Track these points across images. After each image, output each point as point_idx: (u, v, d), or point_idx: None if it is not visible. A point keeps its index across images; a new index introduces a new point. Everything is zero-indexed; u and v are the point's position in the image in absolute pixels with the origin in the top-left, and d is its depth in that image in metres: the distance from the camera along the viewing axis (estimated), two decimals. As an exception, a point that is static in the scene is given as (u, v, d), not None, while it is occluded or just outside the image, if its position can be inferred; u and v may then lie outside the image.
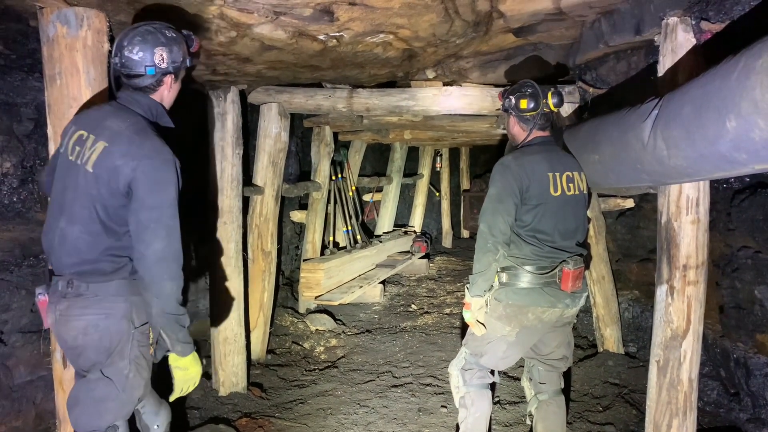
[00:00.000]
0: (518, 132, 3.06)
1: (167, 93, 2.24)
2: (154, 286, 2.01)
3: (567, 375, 4.35)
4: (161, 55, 2.10)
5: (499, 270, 2.87)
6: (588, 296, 3.08)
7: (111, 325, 2.07)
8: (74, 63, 2.46)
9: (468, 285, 2.90)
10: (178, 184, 2.07)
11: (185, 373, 2.19)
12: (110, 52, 2.17)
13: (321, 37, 3.06)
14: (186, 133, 3.96)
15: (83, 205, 2.02)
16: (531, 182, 2.79)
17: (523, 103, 2.94)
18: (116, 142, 2.01)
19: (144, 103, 2.17)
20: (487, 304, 2.89)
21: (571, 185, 2.90)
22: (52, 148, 2.49)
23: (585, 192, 3.02)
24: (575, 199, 2.92)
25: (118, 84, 2.20)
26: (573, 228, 2.91)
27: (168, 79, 2.19)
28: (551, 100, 2.92)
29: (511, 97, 3.01)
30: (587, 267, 4.64)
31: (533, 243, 2.83)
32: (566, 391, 4.07)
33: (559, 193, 2.85)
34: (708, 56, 2.53)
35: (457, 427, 3.13)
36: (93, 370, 2.10)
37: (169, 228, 2.01)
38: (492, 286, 2.88)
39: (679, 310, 2.73)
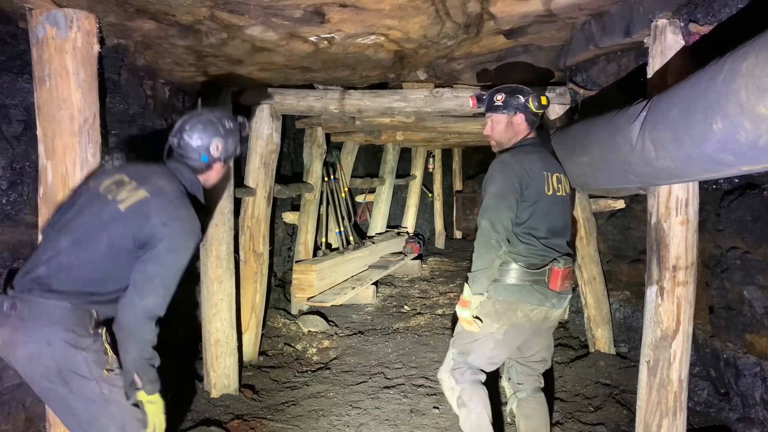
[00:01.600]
0: (522, 131, 3.01)
1: (213, 176, 2.38)
2: (136, 335, 2.06)
3: (550, 376, 4.38)
4: (217, 146, 2.27)
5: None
6: (571, 299, 3.10)
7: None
8: (64, 65, 2.46)
9: (468, 282, 2.84)
10: (192, 256, 2.17)
11: (156, 406, 2.21)
12: (169, 130, 2.30)
13: (312, 38, 3.07)
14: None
15: (92, 233, 2.08)
16: (531, 180, 2.82)
17: (544, 100, 2.98)
18: (157, 196, 2.11)
19: (189, 178, 2.30)
20: None
21: (559, 186, 2.97)
22: (41, 150, 2.49)
23: (570, 193, 3.10)
24: (563, 200, 2.99)
25: (170, 152, 2.31)
26: (562, 227, 2.97)
27: (218, 165, 2.36)
28: (532, 103, 2.97)
29: (519, 96, 2.97)
30: (576, 267, 4.66)
31: (527, 241, 2.84)
32: (548, 392, 4.09)
33: (551, 192, 2.91)
34: (696, 58, 2.55)
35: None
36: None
37: (167, 289, 2.09)
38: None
39: (669, 310, 2.74)
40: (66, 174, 2.48)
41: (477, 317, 2.87)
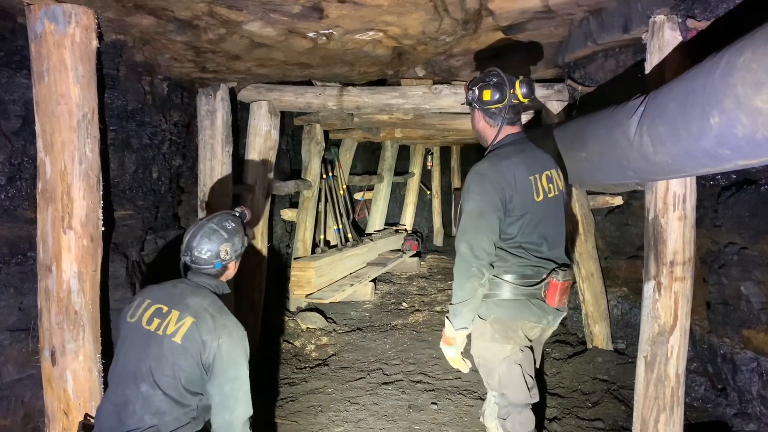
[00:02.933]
0: (484, 128, 2.68)
1: (230, 272, 2.48)
2: None
3: (548, 372, 4.39)
4: (226, 250, 2.36)
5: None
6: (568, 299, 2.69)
7: None
8: (62, 60, 2.46)
9: (448, 316, 2.54)
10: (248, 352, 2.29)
11: None
12: (186, 249, 2.36)
13: (310, 34, 3.07)
14: (177, 131, 3.96)
15: (166, 372, 2.14)
16: (515, 191, 2.46)
17: (487, 95, 2.55)
18: (202, 319, 2.18)
19: (212, 284, 2.39)
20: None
21: (551, 186, 2.60)
22: (40, 145, 2.49)
23: (563, 190, 2.72)
24: (556, 201, 2.64)
25: (186, 267, 2.41)
26: (557, 233, 2.64)
27: (231, 264, 2.45)
28: (519, 90, 2.52)
29: (474, 88, 2.62)
30: (574, 265, 4.67)
31: (519, 254, 2.53)
32: (546, 388, 4.11)
33: (541, 197, 2.54)
34: (694, 54, 2.56)
35: None
36: None
37: (246, 393, 2.21)
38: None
39: (667, 306, 2.76)
40: (64, 169, 2.49)
41: (466, 354, 2.64)
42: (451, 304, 2.51)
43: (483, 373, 2.69)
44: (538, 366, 2.79)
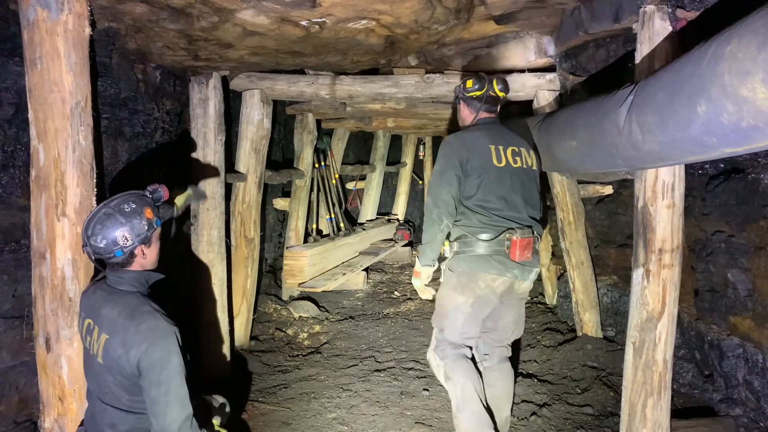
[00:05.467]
0: (467, 116, 3.28)
1: (144, 260, 2.29)
2: None
3: (538, 359, 4.44)
4: (124, 236, 2.17)
5: (451, 240, 3.06)
6: (540, 272, 3.31)
7: None
8: (55, 47, 2.45)
9: (418, 254, 3.10)
10: (181, 349, 2.17)
11: None
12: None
13: (303, 23, 3.07)
14: (169, 119, 3.96)
15: (106, 390, 2.17)
16: (471, 154, 2.97)
17: (469, 83, 3.17)
18: (113, 332, 2.12)
19: (128, 278, 2.25)
20: (442, 273, 3.13)
21: (517, 158, 3.06)
22: (33, 133, 2.49)
23: (534, 168, 3.17)
24: (524, 172, 3.07)
25: (101, 262, 2.27)
26: (521, 199, 3.03)
27: (138, 250, 2.24)
28: (496, 86, 3.17)
29: (461, 81, 3.27)
30: (564, 253, 4.71)
31: (480, 212, 2.96)
32: (536, 375, 4.15)
33: (503, 164, 3.01)
34: (683, 43, 2.59)
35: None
36: None
37: (179, 396, 2.12)
38: (446, 256, 3.10)
39: (655, 292, 2.79)
40: (58, 157, 2.48)
41: (430, 286, 3.18)
42: (419, 245, 3.06)
43: (435, 313, 3.17)
44: (513, 322, 3.22)
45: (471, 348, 3.14)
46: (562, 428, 3.46)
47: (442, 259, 3.16)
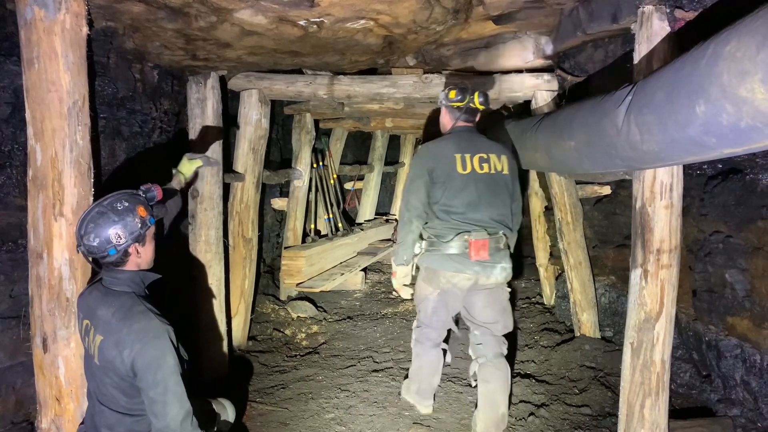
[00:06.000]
0: (448, 122, 3.52)
1: (139, 259, 2.28)
2: None
3: (536, 359, 4.44)
4: (117, 234, 2.16)
5: (423, 239, 3.39)
6: (509, 269, 3.39)
7: None
8: (52, 47, 2.44)
9: (393, 256, 3.45)
10: (175, 348, 2.17)
11: None
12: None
13: (301, 22, 3.06)
14: (168, 119, 3.95)
15: (103, 391, 2.18)
16: (436, 163, 3.26)
17: (452, 94, 3.39)
18: (108, 334, 2.12)
19: (124, 278, 2.25)
20: (417, 269, 3.49)
21: (485, 165, 3.30)
22: (30, 132, 2.48)
23: (505, 172, 3.36)
24: (490, 177, 3.30)
25: (96, 263, 2.28)
26: (485, 203, 3.26)
27: (132, 248, 2.23)
28: (477, 99, 3.37)
29: (444, 91, 3.49)
30: (563, 253, 4.71)
31: (442, 217, 3.27)
32: (534, 375, 4.15)
33: (468, 171, 3.26)
34: (682, 44, 2.58)
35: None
36: None
37: (176, 394, 2.12)
38: (417, 253, 3.41)
39: (653, 293, 2.79)
40: (55, 156, 2.48)
41: (411, 284, 3.53)
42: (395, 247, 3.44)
43: (415, 294, 3.56)
44: (486, 308, 3.38)
45: (451, 333, 3.64)
46: (560, 428, 3.46)
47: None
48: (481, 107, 3.42)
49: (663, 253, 2.75)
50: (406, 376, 3.82)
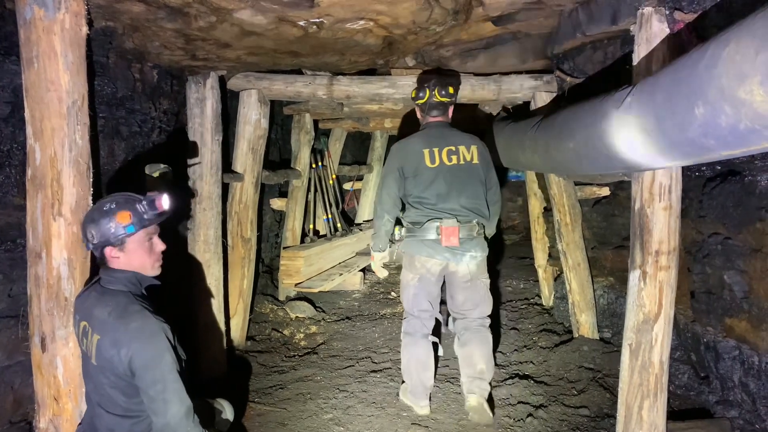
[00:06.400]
0: (420, 119, 3.85)
1: (119, 261, 2.25)
2: None
3: (534, 360, 4.44)
4: (91, 232, 2.19)
5: (401, 228, 3.70)
6: (480, 258, 3.65)
7: None
8: (52, 46, 2.44)
9: (371, 244, 3.81)
10: (173, 346, 2.17)
11: None
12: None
13: (301, 23, 3.07)
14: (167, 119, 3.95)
15: (101, 392, 2.18)
16: (405, 160, 3.55)
17: (413, 93, 3.75)
18: (104, 333, 2.12)
19: (120, 277, 2.25)
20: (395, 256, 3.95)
21: (453, 157, 3.55)
22: (29, 132, 2.48)
23: (474, 162, 3.60)
24: (459, 168, 3.55)
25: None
26: (455, 192, 3.52)
27: (108, 250, 2.22)
28: (438, 93, 3.63)
29: (412, 90, 3.78)
30: (561, 254, 4.72)
31: (417, 207, 3.57)
32: (532, 376, 4.16)
33: (436, 164, 3.52)
34: (681, 46, 2.59)
35: None
36: None
37: (176, 391, 2.13)
38: (396, 240, 3.77)
39: (651, 294, 2.79)
40: (54, 156, 2.48)
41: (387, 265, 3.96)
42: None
43: (400, 287, 3.81)
44: (468, 301, 3.67)
45: (436, 319, 3.75)
46: (558, 430, 3.46)
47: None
48: (444, 100, 3.65)
49: (661, 255, 2.75)
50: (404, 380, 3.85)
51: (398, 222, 3.76)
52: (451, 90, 3.68)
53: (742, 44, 1.59)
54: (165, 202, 2.28)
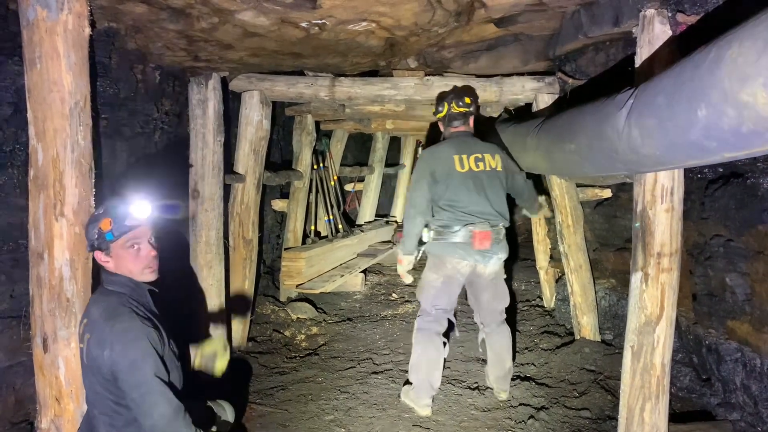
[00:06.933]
0: (442, 131, 3.97)
1: (108, 264, 2.26)
2: None
3: (536, 362, 4.44)
4: (86, 236, 2.26)
5: (430, 230, 3.73)
6: (504, 259, 3.82)
7: None
8: (54, 47, 2.44)
9: (399, 245, 3.85)
10: (156, 349, 2.16)
11: None
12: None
13: (303, 24, 3.07)
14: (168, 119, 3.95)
15: (94, 390, 2.17)
16: (437, 164, 3.64)
17: (433, 109, 3.97)
18: (93, 332, 2.14)
19: (115, 280, 2.27)
20: (419, 258, 3.89)
21: (480, 164, 3.68)
22: (32, 133, 2.48)
23: (499, 170, 3.76)
24: (486, 174, 3.69)
25: None
26: (484, 197, 3.65)
27: (97, 255, 2.26)
28: (455, 104, 3.78)
29: (435, 105, 3.97)
30: (563, 256, 4.71)
31: (448, 210, 3.64)
32: (534, 378, 4.15)
33: (466, 169, 3.64)
34: (683, 48, 2.58)
35: None
36: None
37: (160, 393, 2.11)
38: (425, 241, 3.77)
39: (653, 296, 2.79)
40: (56, 156, 2.48)
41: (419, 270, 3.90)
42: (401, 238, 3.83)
43: (418, 286, 3.92)
44: (492, 299, 3.84)
45: (448, 320, 3.82)
46: (559, 432, 3.46)
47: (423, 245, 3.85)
48: (462, 110, 3.79)
49: (663, 257, 2.75)
50: (407, 382, 3.90)
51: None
52: (468, 100, 3.79)
53: (745, 46, 1.59)
54: (140, 211, 2.25)
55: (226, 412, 2.95)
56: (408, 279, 3.96)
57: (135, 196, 2.30)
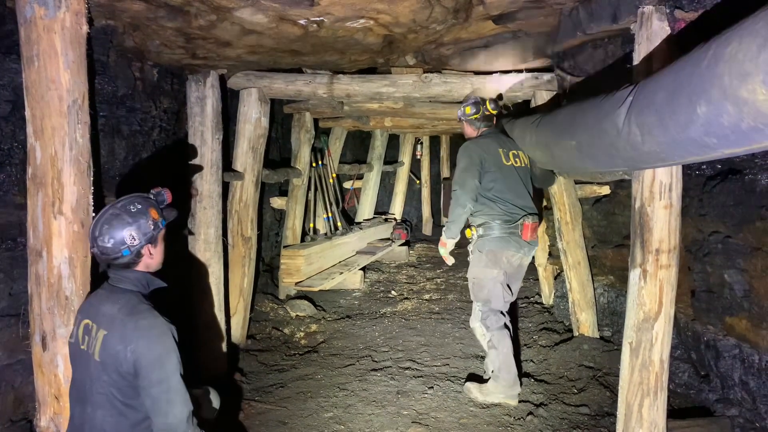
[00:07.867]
0: (471, 132, 4.12)
1: (150, 260, 2.30)
2: None
3: (535, 359, 4.45)
4: (131, 235, 2.19)
5: (475, 227, 3.84)
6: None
7: None
8: (52, 45, 2.44)
9: (444, 229, 3.92)
10: (177, 348, 2.17)
11: None
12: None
13: (301, 21, 3.07)
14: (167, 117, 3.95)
15: (99, 391, 2.14)
16: (487, 155, 3.79)
17: (468, 110, 4.05)
18: (112, 328, 2.11)
19: (132, 278, 2.26)
20: (470, 254, 3.91)
21: (516, 159, 3.90)
22: (30, 131, 2.48)
23: (528, 166, 3.99)
24: (522, 170, 3.92)
25: (107, 265, 2.30)
26: (524, 191, 3.87)
27: (145, 249, 2.27)
28: (489, 106, 4.02)
29: (460, 109, 4.10)
30: (561, 253, 4.72)
31: (499, 202, 3.76)
32: (533, 374, 4.16)
33: (510, 163, 3.85)
34: (682, 45, 2.59)
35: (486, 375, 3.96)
36: None
37: (179, 392, 2.12)
38: (471, 240, 3.90)
39: (652, 293, 2.80)
40: (55, 154, 2.47)
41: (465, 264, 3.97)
42: (446, 222, 3.91)
43: (475, 289, 3.88)
44: (515, 289, 3.98)
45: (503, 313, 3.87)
46: (558, 428, 3.46)
47: (466, 243, 3.98)
48: (494, 112, 4.02)
49: (662, 253, 2.76)
50: (474, 379, 4.04)
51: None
52: (497, 103, 4.09)
53: (744, 43, 1.59)
54: (170, 194, 2.36)
55: (212, 398, 2.93)
56: (450, 261, 4.06)
57: (134, 192, 2.31)
